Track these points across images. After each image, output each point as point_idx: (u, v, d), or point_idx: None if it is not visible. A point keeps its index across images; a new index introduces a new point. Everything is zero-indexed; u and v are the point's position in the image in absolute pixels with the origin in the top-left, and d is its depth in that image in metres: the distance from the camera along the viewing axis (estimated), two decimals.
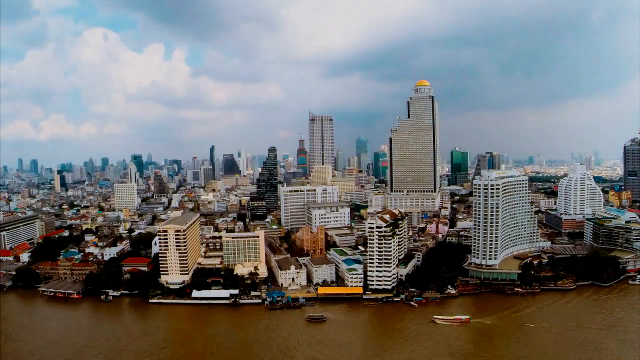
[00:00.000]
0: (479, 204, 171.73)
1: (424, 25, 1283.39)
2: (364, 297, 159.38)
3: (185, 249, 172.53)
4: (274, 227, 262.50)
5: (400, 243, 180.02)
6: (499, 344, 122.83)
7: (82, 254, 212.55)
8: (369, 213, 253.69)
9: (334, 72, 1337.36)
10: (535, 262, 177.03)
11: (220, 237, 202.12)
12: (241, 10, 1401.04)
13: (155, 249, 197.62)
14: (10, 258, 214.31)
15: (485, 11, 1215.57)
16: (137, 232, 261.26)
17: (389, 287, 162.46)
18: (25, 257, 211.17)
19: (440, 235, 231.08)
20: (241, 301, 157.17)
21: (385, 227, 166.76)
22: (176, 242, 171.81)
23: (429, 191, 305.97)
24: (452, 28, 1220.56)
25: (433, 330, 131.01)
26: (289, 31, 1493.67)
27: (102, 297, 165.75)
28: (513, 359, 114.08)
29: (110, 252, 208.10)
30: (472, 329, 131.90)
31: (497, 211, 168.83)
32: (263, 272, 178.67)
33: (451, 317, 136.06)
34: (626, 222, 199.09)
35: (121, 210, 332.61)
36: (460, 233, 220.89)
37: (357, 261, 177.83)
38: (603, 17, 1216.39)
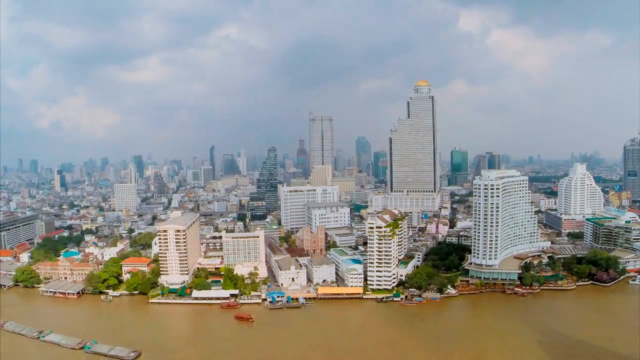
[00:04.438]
0: (479, 204, 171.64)
1: None
2: (364, 297, 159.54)
3: (185, 249, 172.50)
4: (274, 227, 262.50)
5: (400, 243, 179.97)
6: None
7: (82, 254, 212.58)
8: (369, 213, 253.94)
9: None
10: (535, 262, 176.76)
11: (220, 237, 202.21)
12: None
13: (155, 249, 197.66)
14: (10, 258, 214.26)
15: None
16: (137, 232, 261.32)
17: (389, 287, 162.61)
18: (25, 257, 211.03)
19: (440, 235, 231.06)
20: (241, 301, 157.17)
21: (385, 227, 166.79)
22: (176, 242, 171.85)
23: (429, 191, 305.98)
24: None
25: None
26: None
27: (102, 297, 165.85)
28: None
29: (110, 252, 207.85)
30: None
31: (497, 211, 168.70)
32: (263, 272, 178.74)
33: None
34: (626, 222, 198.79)
35: (121, 210, 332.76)
36: (460, 233, 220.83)
37: (357, 261, 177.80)
38: None
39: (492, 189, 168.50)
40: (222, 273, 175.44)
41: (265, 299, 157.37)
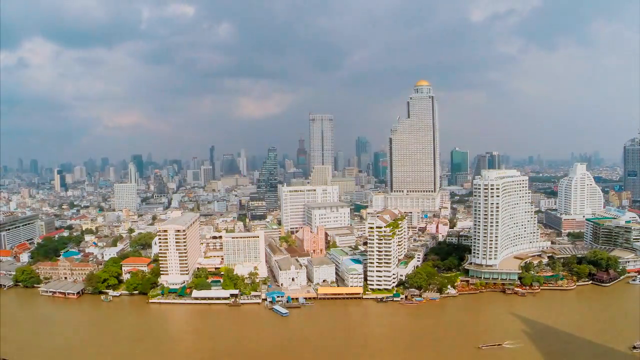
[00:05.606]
0: (479, 204, 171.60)
1: None
2: (364, 297, 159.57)
3: (185, 249, 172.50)
4: (274, 227, 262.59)
5: (400, 243, 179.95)
6: None
7: (82, 254, 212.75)
8: (369, 213, 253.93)
9: None
10: (535, 262, 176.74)
11: (220, 237, 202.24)
12: None
13: (155, 249, 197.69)
14: (10, 258, 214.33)
15: None
16: (137, 232, 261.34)
17: (389, 287, 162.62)
18: (25, 257, 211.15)
19: (440, 235, 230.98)
20: (241, 301, 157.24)
21: (385, 227, 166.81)
22: (176, 242, 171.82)
23: (429, 191, 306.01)
24: None
25: None
26: None
27: (102, 297, 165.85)
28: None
29: (110, 252, 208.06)
30: None
31: (497, 211, 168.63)
32: (263, 272, 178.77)
33: None
34: (626, 222, 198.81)
35: (121, 210, 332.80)
36: (460, 233, 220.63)
37: (357, 261, 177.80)
38: None
39: (492, 189, 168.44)
40: (222, 273, 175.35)
41: (265, 299, 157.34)
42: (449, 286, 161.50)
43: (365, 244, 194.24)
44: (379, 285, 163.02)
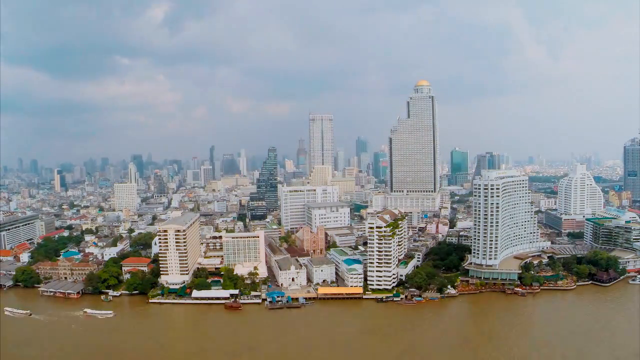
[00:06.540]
0: (479, 204, 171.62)
1: None
2: (364, 297, 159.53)
3: (185, 249, 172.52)
4: (274, 227, 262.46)
5: (400, 243, 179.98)
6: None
7: (82, 254, 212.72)
8: (369, 213, 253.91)
9: None
10: (535, 262, 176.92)
11: (220, 237, 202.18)
12: None
13: (155, 249, 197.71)
14: (10, 258, 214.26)
15: None
16: (137, 232, 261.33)
17: (389, 287, 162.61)
18: (25, 257, 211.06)
19: (440, 235, 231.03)
20: (241, 301, 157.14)
21: (385, 227, 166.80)
22: (176, 242, 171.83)
23: (429, 191, 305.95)
24: None
25: None
26: None
27: (102, 297, 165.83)
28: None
29: (110, 252, 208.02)
30: None
31: (497, 211, 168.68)
32: (263, 272, 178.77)
33: None
34: (626, 222, 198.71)
35: (121, 210, 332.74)
36: (460, 233, 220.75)
37: (357, 261, 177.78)
38: None
39: (492, 189, 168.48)
40: (222, 273, 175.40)
41: (265, 299, 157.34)
42: (448, 286, 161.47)
43: (365, 244, 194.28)
44: (379, 285, 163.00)
